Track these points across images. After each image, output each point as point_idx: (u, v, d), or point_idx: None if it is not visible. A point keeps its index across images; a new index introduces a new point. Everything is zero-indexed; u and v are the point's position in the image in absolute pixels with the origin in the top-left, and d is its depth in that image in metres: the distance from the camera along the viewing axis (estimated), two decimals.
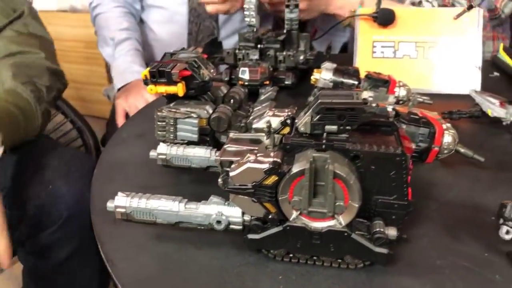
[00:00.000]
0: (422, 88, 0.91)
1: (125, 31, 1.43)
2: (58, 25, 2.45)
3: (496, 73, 1.02)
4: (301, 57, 0.98)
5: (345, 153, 0.45)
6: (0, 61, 0.91)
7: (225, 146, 0.53)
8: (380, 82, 0.76)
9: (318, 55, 0.95)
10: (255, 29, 1.05)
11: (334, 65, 0.79)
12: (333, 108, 0.45)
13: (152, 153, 0.62)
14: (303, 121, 0.47)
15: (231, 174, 0.46)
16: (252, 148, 0.50)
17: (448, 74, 0.91)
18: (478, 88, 0.90)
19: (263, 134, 0.54)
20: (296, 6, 0.94)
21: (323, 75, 0.78)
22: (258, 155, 0.46)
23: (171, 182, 0.64)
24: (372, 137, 0.48)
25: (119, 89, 1.37)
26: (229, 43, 1.47)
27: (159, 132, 0.66)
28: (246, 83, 0.91)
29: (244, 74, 0.91)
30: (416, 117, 0.60)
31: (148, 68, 0.65)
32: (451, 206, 0.58)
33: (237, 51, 0.98)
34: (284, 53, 0.96)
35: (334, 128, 0.46)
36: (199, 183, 0.62)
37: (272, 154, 0.46)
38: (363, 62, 0.93)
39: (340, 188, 0.44)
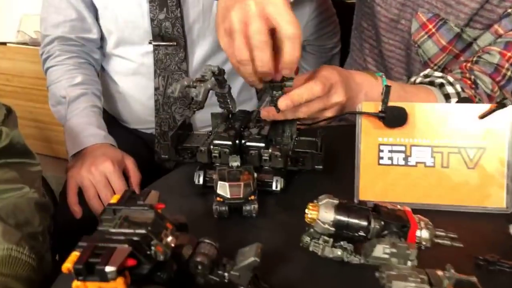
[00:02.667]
0: (441, 204, 0.73)
1: (78, 86, 1.21)
2: (19, 61, 2.23)
3: None
4: (290, 145, 0.81)
5: None
6: None
7: None
8: (397, 227, 0.59)
9: (312, 155, 0.77)
10: (229, 115, 0.86)
11: (336, 201, 0.60)
12: None
13: None
14: None
15: None
16: None
17: (473, 187, 0.73)
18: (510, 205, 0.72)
19: None
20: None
21: (322, 216, 0.59)
22: None
23: None
24: None
25: (73, 155, 1.15)
26: None
27: None
28: (227, 201, 0.71)
29: (224, 190, 0.70)
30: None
31: (72, 258, 0.45)
32: None
33: (211, 147, 0.78)
34: (270, 150, 0.77)
35: None
36: None
37: None
38: (367, 170, 0.74)
39: None
